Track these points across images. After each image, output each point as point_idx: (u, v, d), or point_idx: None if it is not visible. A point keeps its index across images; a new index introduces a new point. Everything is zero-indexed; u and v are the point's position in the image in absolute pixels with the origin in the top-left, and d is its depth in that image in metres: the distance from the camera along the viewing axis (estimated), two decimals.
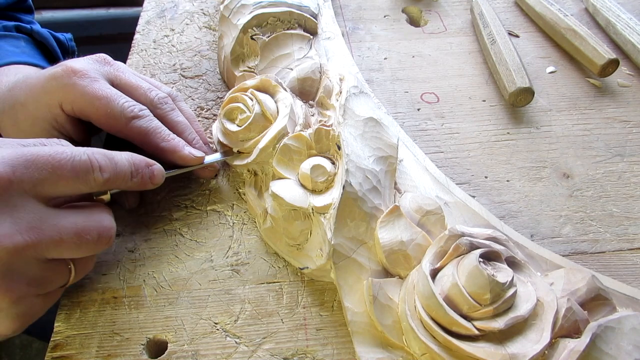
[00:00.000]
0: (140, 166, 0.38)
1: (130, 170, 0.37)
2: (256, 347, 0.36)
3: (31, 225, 0.30)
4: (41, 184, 0.31)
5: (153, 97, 0.42)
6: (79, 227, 0.32)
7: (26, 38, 0.58)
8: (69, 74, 0.39)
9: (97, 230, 0.33)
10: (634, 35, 0.57)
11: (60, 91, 0.40)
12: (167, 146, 0.41)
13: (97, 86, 0.40)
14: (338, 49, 0.53)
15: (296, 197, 0.39)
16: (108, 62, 0.43)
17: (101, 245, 0.34)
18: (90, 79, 0.40)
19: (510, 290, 0.32)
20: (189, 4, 0.66)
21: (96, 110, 0.40)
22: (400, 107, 0.54)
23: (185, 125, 0.44)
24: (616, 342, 0.30)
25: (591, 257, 0.41)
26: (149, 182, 0.38)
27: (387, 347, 0.34)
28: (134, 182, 0.37)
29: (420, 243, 0.36)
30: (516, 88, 0.51)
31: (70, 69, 0.40)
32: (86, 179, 0.33)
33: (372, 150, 0.40)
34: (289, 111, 0.43)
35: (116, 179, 0.35)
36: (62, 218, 0.32)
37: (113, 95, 0.40)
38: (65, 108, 0.40)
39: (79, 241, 0.32)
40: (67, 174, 0.32)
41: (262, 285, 0.39)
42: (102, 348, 0.36)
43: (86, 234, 0.32)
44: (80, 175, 0.33)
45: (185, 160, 0.41)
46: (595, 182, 0.46)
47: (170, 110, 0.43)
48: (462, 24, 0.65)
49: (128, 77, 0.43)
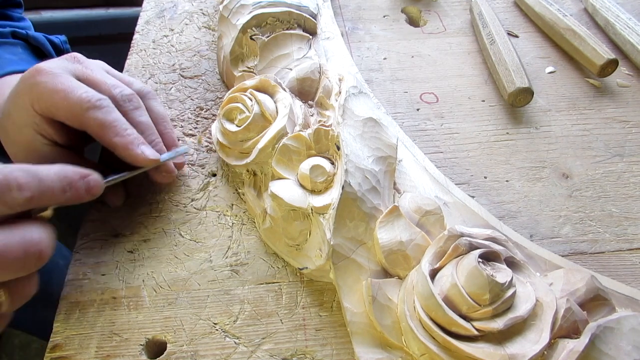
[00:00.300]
0: (73, 179, 0.34)
1: (61, 185, 0.33)
2: (255, 347, 0.36)
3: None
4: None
5: (116, 94, 0.41)
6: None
7: (22, 44, 0.58)
8: (34, 74, 0.39)
9: (21, 247, 0.30)
10: (633, 36, 0.57)
11: (29, 92, 0.39)
12: (120, 142, 0.38)
13: (57, 80, 0.38)
14: (337, 49, 0.53)
15: (295, 197, 0.39)
16: (78, 60, 0.42)
17: (30, 263, 0.31)
18: (53, 75, 0.39)
19: (510, 290, 0.32)
20: (188, 4, 0.66)
21: (57, 103, 0.38)
22: (400, 107, 0.54)
23: (147, 125, 0.41)
24: (615, 343, 0.30)
25: (590, 257, 0.41)
26: (84, 194, 0.35)
27: (387, 347, 0.34)
28: (67, 197, 0.34)
29: (419, 243, 0.36)
30: (515, 88, 0.51)
31: (36, 69, 0.39)
32: (3, 200, 0.30)
33: (372, 151, 0.40)
34: (288, 111, 0.43)
35: (42, 196, 0.32)
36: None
37: (72, 87, 0.38)
38: (35, 108, 0.39)
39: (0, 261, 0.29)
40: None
41: (261, 285, 0.39)
42: (101, 348, 0.36)
43: (7, 253, 0.29)
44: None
45: (136, 160, 0.39)
46: (595, 182, 0.46)
47: (132, 109, 0.41)
48: (462, 24, 0.65)
49: (94, 73, 0.41)
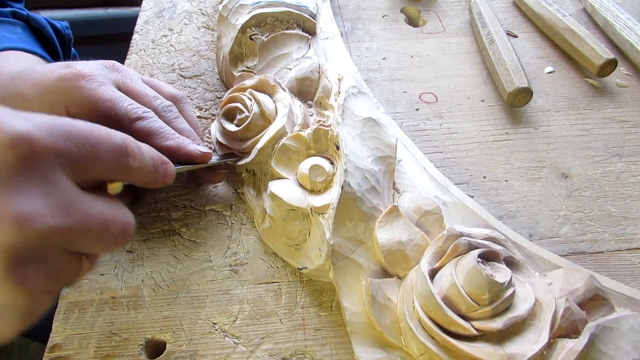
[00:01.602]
0: (158, 163, 0.36)
1: (152, 164, 0.35)
2: (255, 347, 0.36)
3: (63, 206, 0.26)
4: (78, 160, 0.28)
5: (157, 105, 0.42)
6: (106, 218, 0.29)
7: (22, 25, 0.58)
8: (77, 77, 0.39)
9: (121, 224, 0.30)
10: (632, 36, 0.57)
11: (68, 94, 0.39)
12: (173, 144, 0.40)
13: (102, 89, 0.40)
14: (337, 49, 0.53)
15: (295, 197, 0.39)
16: (117, 69, 0.43)
17: (122, 241, 0.31)
18: (98, 83, 0.40)
19: (509, 290, 0.32)
20: (187, 4, 0.66)
21: (101, 112, 0.39)
22: (399, 107, 0.54)
23: (189, 132, 0.43)
24: (614, 342, 0.30)
25: (589, 257, 0.41)
26: (161, 180, 0.37)
27: (386, 347, 0.34)
28: (150, 178, 0.35)
29: (418, 243, 0.36)
30: (515, 88, 0.51)
31: (79, 72, 0.40)
32: (119, 165, 0.31)
33: (371, 150, 0.40)
34: (287, 111, 0.43)
35: (140, 171, 0.33)
36: (91, 205, 0.28)
37: (118, 98, 0.40)
38: (71, 110, 0.40)
39: (104, 233, 0.29)
40: (104, 155, 0.29)
41: (260, 285, 0.39)
42: (100, 348, 0.36)
43: (112, 226, 0.29)
44: (114, 160, 0.30)
45: (192, 157, 0.40)
46: (594, 182, 0.46)
47: (174, 118, 0.43)
48: (461, 24, 0.65)
49: (134, 84, 0.43)
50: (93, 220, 0.28)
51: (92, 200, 0.29)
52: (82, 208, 0.28)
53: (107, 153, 0.30)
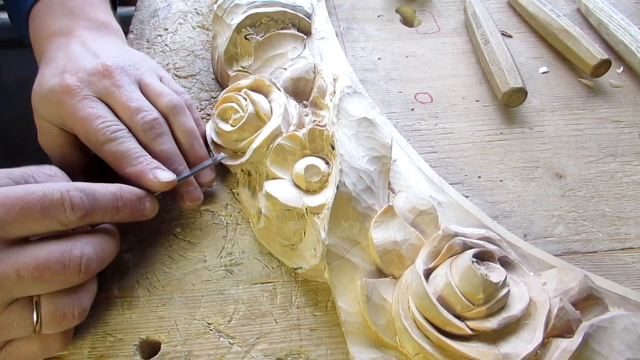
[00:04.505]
0: (130, 200, 0.36)
1: (115, 205, 0.35)
2: (250, 347, 0.36)
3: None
4: (8, 224, 0.30)
5: (138, 121, 0.40)
6: (39, 261, 0.30)
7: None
8: (63, 91, 0.39)
9: (59, 261, 0.31)
10: (625, 36, 0.58)
11: (55, 106, 0.40)
12: (132, 172, 0.38)
13: (81, 105, 0.39)
14: (332, 49, 0.53)
15: (290, 197, 0.39)
16: (109, 74, 0.41)
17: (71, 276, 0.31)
18: (79, 98, 0.39)
19: (503, 290, 0.32)
20: (182, 4, 0.66)
21: (78, 130, 0.39)
22: (394, 107, 0.54)
23: (169, 153, 0.40)
24: (608, 342, 0.30)
25: (583, 256, 0.41)
26: (140, 215, 0.37)
27: (381, 347, 0.34)
28: (121, 216, 0.35)
29: (413, 243, 0.36)
30: (509, 88, 0.51)
31: (65, 85, 0.39)
32: (57, 218, 0.31)
33: (366, 150, 0.40)
34: (282, 111, 0.43)
35: (95, 215, 0.33)
36: (23, 253, 0.31)
37: (91, 116, 0.38)
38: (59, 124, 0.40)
39: (39, 274, 0.30)
40: (36, 214, 0.31)
41: (255, 285, 0.39)
42: (94, 349, 0.35)
43: (47, 266, 0.30)
44: (51, 215, 0.31)
45: (152, 188, 0.38)
46: (588, 182, 0.47)
47: (154, 137, 0.40)
48: (456, 24, 0.65)
49: (120, 93, 0.40)
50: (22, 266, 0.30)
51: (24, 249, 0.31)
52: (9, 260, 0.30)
53: (39, 212, 0.31)
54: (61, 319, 0.32)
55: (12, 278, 0.30)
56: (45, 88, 0.40)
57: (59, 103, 0.39)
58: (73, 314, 0.32)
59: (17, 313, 0.31)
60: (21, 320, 0.31)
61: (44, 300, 0.32)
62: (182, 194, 0.41)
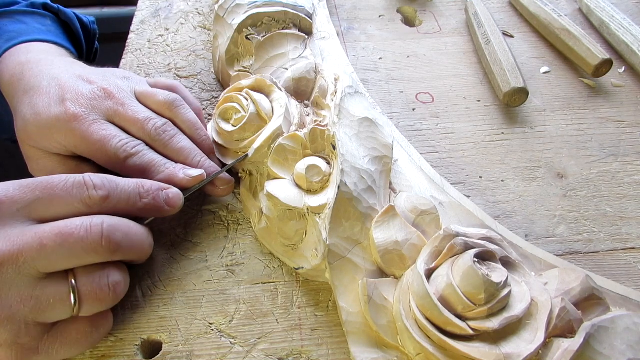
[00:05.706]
0: (152, 189, 0.37)
1: (138, 191, 0.36)
2: (251, 347, 0.36)
3: (12, 238, 0.30)
4: (34, 203, 0.32)
5: (150, 129, 0.41)
6: (61, 228, 0.31)
7: (52, 17, 0.58)
8: (70, 119, 0.40)
9: (81, 227, 0.31)
10: (627, 36, 0.58)
11: (63, 135, 0.40)
12: (163, 177, 0.39)
13: (92, 129, 0.40)
14: (333, 49, 0.53)
15: (291, 197, 0.39)
16: (109, 95, 0.42)
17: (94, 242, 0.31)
18: (89, 123, 0.40)
19: (505, 290, 0.32)
20: (183, 4, 0.66)
21: (95, 154, 0.40)
22: (395, 107, 0.54)
23: (189, 150, 0.42)
24: (610, 342, 0.30)
25: (585, 257, 0.41)
26: (164, 205, 0.37)
27: (382, 347, 0.34)
28: (145, 204, 0.36)
29: (415, 243, 0.36)
30: (510, 88, 0.51)
31: (72, 114, 0.40)
32: (80, 197, 0.33)
33: (367, 150, 0.40)
34: (284, 111, 0.43)
35: (118, 199, 0.34)
36: (46, 226, 0.31)
37: (107, 137, 0.39)
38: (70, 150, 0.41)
39: (61, 241, 0.30)
40: (59, 192, 0.32)
41: (257, 285, 0.39)
42: (96, 349, 0.35)
43: (69, 232, 0.31)
44: (74, 193, 0.33)
45: (183, 186, 0.40)
46: (589, 182, 0.47)
47: (169, 138, 0.42)
48: (457, 24, 0.65)
49: (126, 109, 0.41)
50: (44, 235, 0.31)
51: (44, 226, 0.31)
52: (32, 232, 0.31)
53: (62, 190, 0.33)
54: (98, 292, 0.32)
55: (35, 247, 0.30)
56: (44, 117, 0.40)
57: (68, 131, 0.40)
58: (109, 287, 0.33)
59: (52, 288, 0.31)
60: (57, 294, 0.31)
61: (79, 276, 0.32)
62: (214, 181, 0.42)
